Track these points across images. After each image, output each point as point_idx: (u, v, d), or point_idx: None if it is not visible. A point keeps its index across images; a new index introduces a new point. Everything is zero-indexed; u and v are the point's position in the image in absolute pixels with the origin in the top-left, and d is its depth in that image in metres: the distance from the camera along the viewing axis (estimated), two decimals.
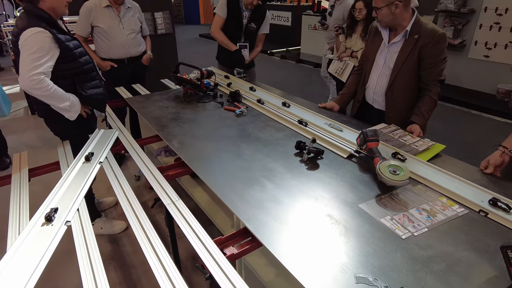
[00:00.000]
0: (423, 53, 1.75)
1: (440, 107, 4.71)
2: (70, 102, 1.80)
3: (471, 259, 1.02)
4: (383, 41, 1.88)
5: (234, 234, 1.18)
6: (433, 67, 1.77)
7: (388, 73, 1.88)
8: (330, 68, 3.44)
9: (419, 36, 1.73)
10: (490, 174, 1.44)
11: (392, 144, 1.67)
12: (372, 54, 1.95)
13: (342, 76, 3.28)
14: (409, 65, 1.79)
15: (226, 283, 0.98)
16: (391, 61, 1.85)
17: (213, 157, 1.60)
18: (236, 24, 2.88)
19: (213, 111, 2.14)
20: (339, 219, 1.18)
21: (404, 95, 1.87)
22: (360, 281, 0.90)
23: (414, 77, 1.82)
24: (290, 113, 2.03)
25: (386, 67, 1.88)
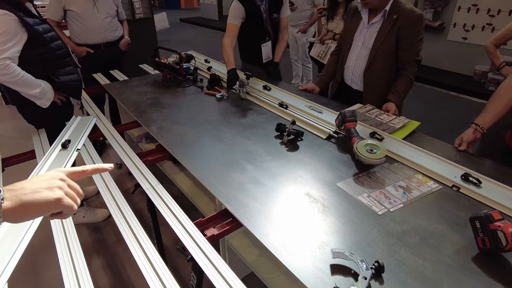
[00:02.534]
0: (401, 33, 1.76)
1: (419, 89, 4.82)
2: (41, 88, 1.73)
3: (443, 231, 1.06)
4: (361, 22, 1.88)
5: (214, 216, 1.19)
6: (410, 48, 1.79)
7: (366, 53, 1.88)
8: (312, 52, 3.42)
9: (398, 16, 1.74)
10: (463, 151, 1.49)
11: (370, 123, 1.70)
12: (351, 35, 1.95)
13: (325, 59, 3.27)
14: (387, 45, 1.81)
15: (206, 264, 0.99)
16: (370, 41, 1.85)
17: (193, 141, 1.59)
18: (256, 24, 2.33)
19: (193, 96, 2.12)
20: (317, 197, 1.20)
21: (382, 75, 1.89)
22: (337, 256, 0.93)
23: (392, 57, 1.84)
24: (271, 96, 2.02)
25: (365, 48, 1.89)
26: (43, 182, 0.57)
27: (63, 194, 0.57)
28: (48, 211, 0.57)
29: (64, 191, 0.58)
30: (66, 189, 0.58)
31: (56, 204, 0.56)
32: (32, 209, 0.54)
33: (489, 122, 1.44)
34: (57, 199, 0.56)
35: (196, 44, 7.73)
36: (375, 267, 0.89)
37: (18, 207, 0.53)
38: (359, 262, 0.90)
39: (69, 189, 0.59)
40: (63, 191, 0.58)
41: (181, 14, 11.60)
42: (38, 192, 0.55)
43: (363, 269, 0.88)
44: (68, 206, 0.58)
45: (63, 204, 0.57)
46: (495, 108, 1.44)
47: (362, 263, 0.90)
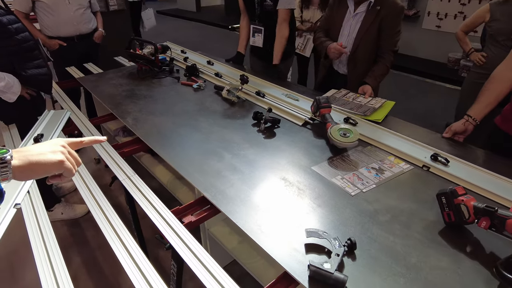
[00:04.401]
0: (383, 24, 1.83)
1: (396, 76, 4.92)
2: (5, 82, 1.67)
3: (413, 209, 1.10)
4: (348, 10, 1.94)
5: (192, 204, 1.20)
6: (389, 38, 1.87)
7: (351, 42, 1.95)
8: None
9: (381, 7, 1.81)
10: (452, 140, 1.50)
11: (349, 107, 1.74)
12: (339, 23, 2.01)
13: (305, 51, 3.25)
14: (370, 35, 1.88)
15: (184, 250, 1.00)
16: (355, 30, 1.93)
17: (170, 132, 1.58)
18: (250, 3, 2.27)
19: (169, 87, 2.10)
20: (293, 181, 1.22)
21: (364, 62, 1.97)
22: (310, 235, 0.95)
23: (374, 46, 1.93)
24: (248, 85, 2.03)
25: (350, 36, 1.96)
26: (47, 147, 0.64)
27: (65, 158, 0.65)
28: (51, 171, 0.64)
29: (65, 156, 0.65)
30: (67, 155, 0.66)
31: (59, 165, 0.64)
32: (38, 168, 0.62)
33: (482, 113, 1.42)
34: (60, 161, 0.64)
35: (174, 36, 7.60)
36: (348, 244, 0.93)
37: (26, 165, 0.60)
38: (332, 240, 0.93)
39: (69, 155, 0.67)
40: (65, 155, 0.65)
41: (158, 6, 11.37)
42: (43, 154, 0.62)
43: (336, 247, 0.91)
44: (69, 168, 0.65)
45: (65, 166, 0.65)
46: (487, 98, 1.40)
47: (335, 241, 0.93)
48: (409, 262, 0.91)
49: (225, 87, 1.86)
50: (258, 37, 2.34)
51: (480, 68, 2.42)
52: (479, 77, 2.39)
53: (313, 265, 0.85)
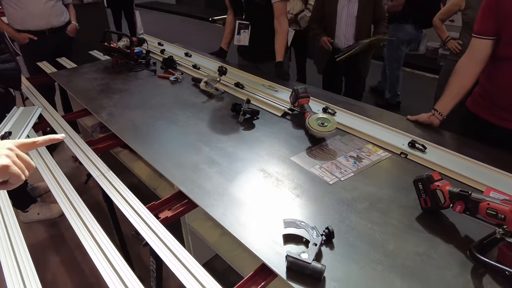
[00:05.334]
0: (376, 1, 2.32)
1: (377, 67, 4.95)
2: None
3: (390, 196, 1.10)
4: None
5: (168, 199, 1.17)
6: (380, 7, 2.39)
7: (353, 21, 2.37)
8: None
9: None
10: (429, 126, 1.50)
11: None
12: (333, 10, 2.36)
13: None
14: (367, 13, 2.34)
15: (160, 246, 0.97)
16: (353, 12, 2.33)
17: (146, 126, 1.54)
18: None
19: (146, 80, 2.04)
20: (271, 172, 1.21)
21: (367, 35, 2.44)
22: (288, 225, 0.94)
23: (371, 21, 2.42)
24: (227, 76, 1.99)
25: (350, 17, 2.36)
26: None
27: (11, 162, 0.58)
28: None
29: (11, 159, 0.59)
30: (13, 158, 0.60)
31: (3, 171, 0.58)
32: None
33: (447, 107, 1.43)
34: (4, 166, 0.57)
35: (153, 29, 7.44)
36: (326, 233, 0.92)
37: None
38: (310, 230, 0.92)
39: (16, 158, 0.60)
40: (11, 159, 0.59)
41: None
42: None
43: (313, 236, 0.90)
44: (15, 174, 0.59)
45: (10, 172, 0.58)
46: (451, 92, 1.42)
47: (312, 231, 0.92)
48: (387, 249, 0.91)
49: (203, 79, 1.82)
50: (244, 34, 2.17)
51: (457, 56, 2.45)
52: None
53: (291, 255, 0.84)
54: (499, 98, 1.37)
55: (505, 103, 1.36)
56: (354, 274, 0.84)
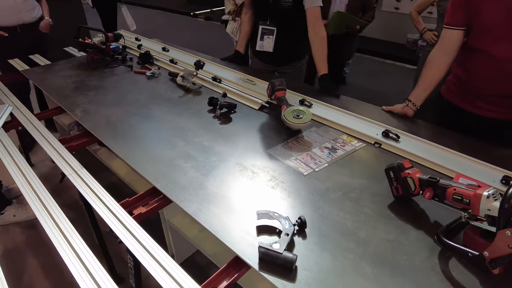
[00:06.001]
0: None
1: (358, 59, 5.01)
2: None
3: (363, 185, 1.12)
4: None
5: (142, 195, 1.15)
6: None
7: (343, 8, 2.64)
8: (228, 29, 3.23)
9: None
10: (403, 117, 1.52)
11: None
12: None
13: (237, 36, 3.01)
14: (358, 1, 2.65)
15: (133, 243, 0.96)
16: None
17: (120, 122, 1.51)
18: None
19: (122, 76, 2.00)
20: (247, 165, 1.21)
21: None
22: (261, 217, 0.95)
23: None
24: (204, 71, 1.97)
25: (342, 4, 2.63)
26: None
27: None
28: None
29: None
30: None
31: None
32: None
33: (421, 98, 1.46)
34: None
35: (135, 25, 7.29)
36: (298, 223, 0.93)
37: None
38: (282, 220, 0.93)
39: None
40: None
41: None
42: None
43: (286, 227, 0.91)
44: None
45: None
46: (424, 83, 1.45)
47: (285, 221, 0.93)
48: (358, 237, 0.93)
49: (180, 74, 1.80)
50: (268, 40, 1.96)
51: (433, 47, 2.49)
52: None
53: (262, 246, 0.84)
54: (472, 87, 1.41)
55: (477, 92, 1.40)
56: (326, 263, 0.85)
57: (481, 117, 1.42)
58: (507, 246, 0.73)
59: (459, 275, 0.83)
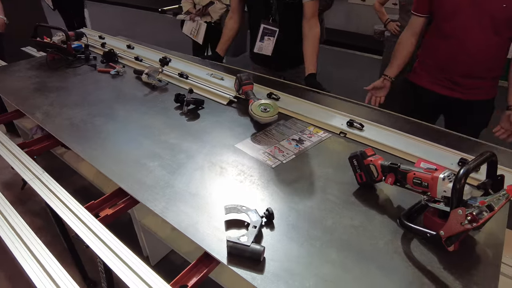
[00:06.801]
0: None
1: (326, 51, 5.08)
2: None
3: (329, 174, 1.14)
4: None
5: (108, 197, 1.13)
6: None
7: None
8: (184, 29, 3.15)
9: None
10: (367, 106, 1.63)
11: None
12: None
13: (198, 37, 3.05)
14: None
15: (100, 246, 0.94)
16: None
17: (84, 123, 1.46)
18: None
19: (85, 75, 1.94)
20: (215, 161, 1.20)
21: None
22: (229, 211, 0.95)
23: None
24: (170, 67, 1.94)
25: None
26: None
27: None
28: None
29: None
30: None
31: None
32: None
33: (394, 72, 1.67)
34: None
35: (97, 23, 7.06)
36: (266, 215, 0.94)
37: None
38: (250, 213, 0.93)
39: None
40: None
41: None
42: None
43: (253, 219, 0.92)
44: None
45: None
46: (396, 61, 1.66)
47: (253, 214, 0.93)
48: (324, 225, 0.95)
49: (144, 71, 1.76)
50: (268, 42, 1.80)
51: (397, 37, 2.57)
52: None
53: (230, 240, 0.85)
54: (439, 69, 1.58)
55: (444, 74, 1.56)
56: (293, 252, 0.87)
57: (447, 98, 1.59)
58: (459, 224, 0.77)
59: (420, 255, 0.87)
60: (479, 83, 1.51)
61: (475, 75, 1.49)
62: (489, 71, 1.49)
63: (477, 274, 0.82)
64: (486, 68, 1.47)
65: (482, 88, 1.53)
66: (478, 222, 0.76)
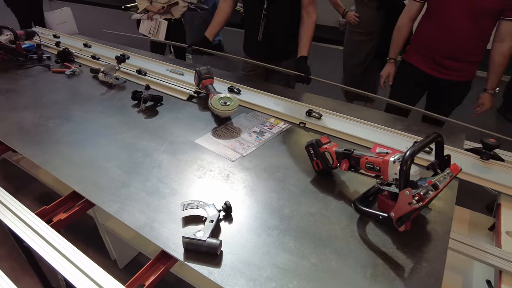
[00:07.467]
0: None
1: None
2: None
3: (288, 164, 1.15)
4: None
5: (62, 201, 1.08)
6: None
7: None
8: (141, 29, 2.93)
9: None
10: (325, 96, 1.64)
11: None
12: None
13: (158, 36, 2.91)
14: None
15: (51, 252, 0.90)
16: None
17: (36, 127, 1.39)
18: None
19: (38, 76, 1.84)
20: (174, 158, 1.18)
21: None
22: (186, 207, 0.93)
23: None
24: (129, 64, 1.88)
25: None
26: None
27: None
28: None
29: None
30: None
31: None
32: None
33: (395, 53, 1.85)
34: None
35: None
36: (224, 208, 0.93)
37: None
38: (207, 208, 0.93)
39: None
40: None
41: None
42: None
43: (210, 214, 0.91)
44: None
45: None
46: (395, 44, 1.83)
47: (210, 208, 0.93)
48: (282, 214, 0.96)
49: (100, 69, 1.70)
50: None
51: (356, 27, 2.62)
52: (357, 35, 2.60)
53: (186, 236, 0.84)
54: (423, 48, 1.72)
55: (428, 54, 1.69)
56: (251, 243, 0.87)
57: (432, 77, 1.72)
58: (407, 204, 0.79)
59: (375, 237, 0.89)
60: (460, 65, 1.64)
61: (457, 57, 1.62)
62: (470, 55, 1.61)
63: (427, 251, 0.86)
64: (467, 51, 1.60)
65: (463, 70, 1.66)
66: (424, 201, 0.79)
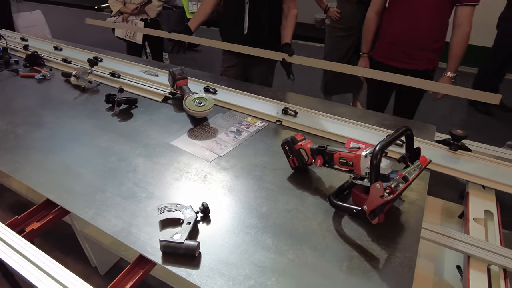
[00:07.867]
0: None
1: None
2: None
3: (265, 162, 1.16)
4: None
5: (35, 210, 1.05)
6: None
7: None
8: (118, 32, 2.93)
9: None
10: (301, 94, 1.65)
11: None
12: None
13: (136, 38, 2.88)
14: None
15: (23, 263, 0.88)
16: None
17: (4, 134, 1.34)
18: None
19: (5, 82, 1.78)
20: (149, 161, 1.17)
21: None
22: (163, 211, 0.93)
23: None
24: (101, 67, 1.85)
25: None
26: None
27: None
28: None
29: None
30: None
31: None
32: None
33: (368, 47, 1.91)
34: None
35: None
36: (201, 209, 0.93)
37: None
38: (184, 210, 0.92)
39: None
40: None
41: None
42: None
43: (187, 216, 0.91)
44: None
45: None
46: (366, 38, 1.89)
47: (187, 210, 0.92)
48: (260, 212, 0.97)
49: (73, 73, 1.65)
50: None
51: (337, 23, 2.64)
52: (338, 31, 2.64)
53: (163, 240, 0.83)
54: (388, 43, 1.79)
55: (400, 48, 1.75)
56: (229, 243, 0.87)
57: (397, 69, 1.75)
58: (379, 197, 0.82)
59: (350, 231, 0.92)
60: (423, 54, 1.72)
61: (419, 46, 1.70)
62: (431, 42, 1.70)
63: (401, 242, 0.89)
64: (429, 39, 1.68)
65: (426, 58, 1.74)
66: (395, 193, 0.81)
